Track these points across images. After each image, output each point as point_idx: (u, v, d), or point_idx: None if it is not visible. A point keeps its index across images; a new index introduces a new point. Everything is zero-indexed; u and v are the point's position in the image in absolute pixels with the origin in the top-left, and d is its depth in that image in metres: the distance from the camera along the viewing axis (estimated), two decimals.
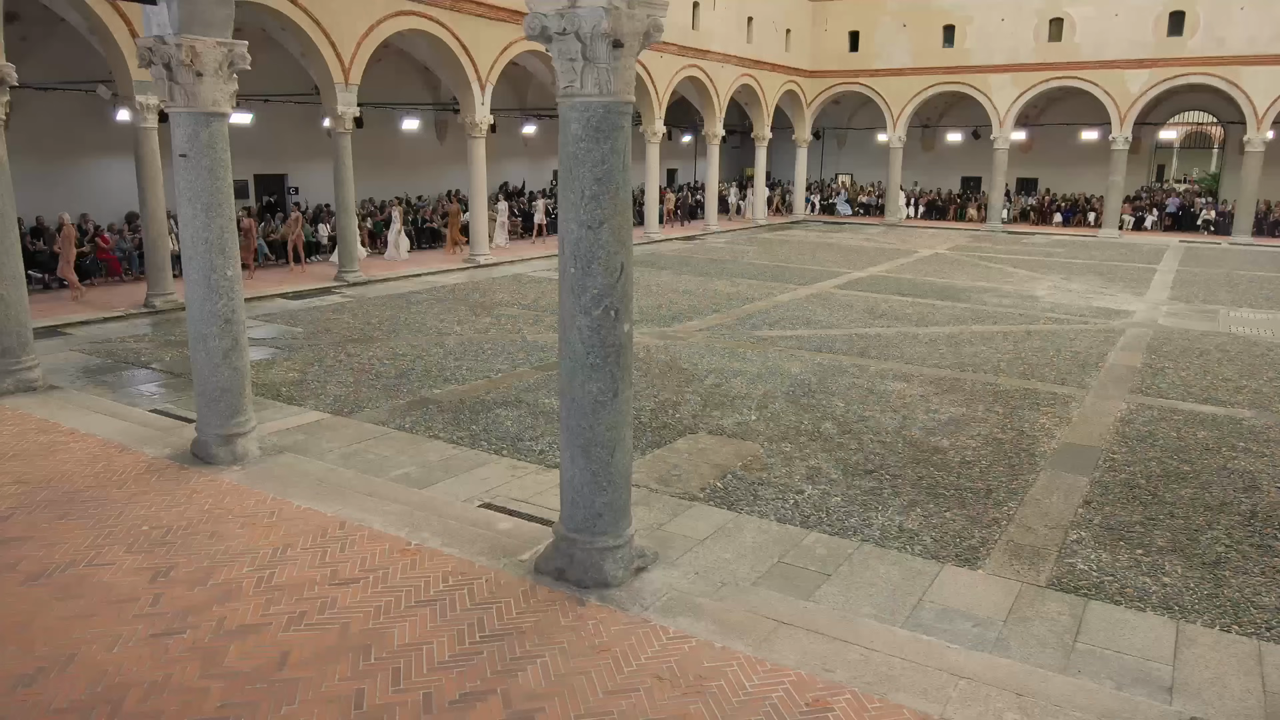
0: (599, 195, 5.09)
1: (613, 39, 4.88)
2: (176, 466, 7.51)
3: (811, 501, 7.30)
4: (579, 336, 5.26)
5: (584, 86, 4.96)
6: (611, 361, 5.30)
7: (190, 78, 6.97)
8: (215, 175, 7.23)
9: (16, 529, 6.22)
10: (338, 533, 6.25)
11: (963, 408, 10.16)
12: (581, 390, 5.32)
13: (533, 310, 15.94)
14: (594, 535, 5.49)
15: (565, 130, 5.11)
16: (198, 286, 7.33)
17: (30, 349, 9.85)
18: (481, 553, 5.96)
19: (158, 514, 6.51)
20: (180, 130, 7.10)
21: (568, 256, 5.21)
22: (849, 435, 9.07)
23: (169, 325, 14.24)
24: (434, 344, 13.07)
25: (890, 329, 14.87)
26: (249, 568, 5.70)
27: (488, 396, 10.28)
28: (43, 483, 7.09)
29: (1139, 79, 29.85)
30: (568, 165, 5.12)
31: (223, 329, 7.45)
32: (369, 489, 7.11)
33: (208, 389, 7.51)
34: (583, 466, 5.42)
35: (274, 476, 7.34)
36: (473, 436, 8.82)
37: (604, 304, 5.21)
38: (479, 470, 7.91)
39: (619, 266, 5.22)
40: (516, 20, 20.98)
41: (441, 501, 6.95)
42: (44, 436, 8.26)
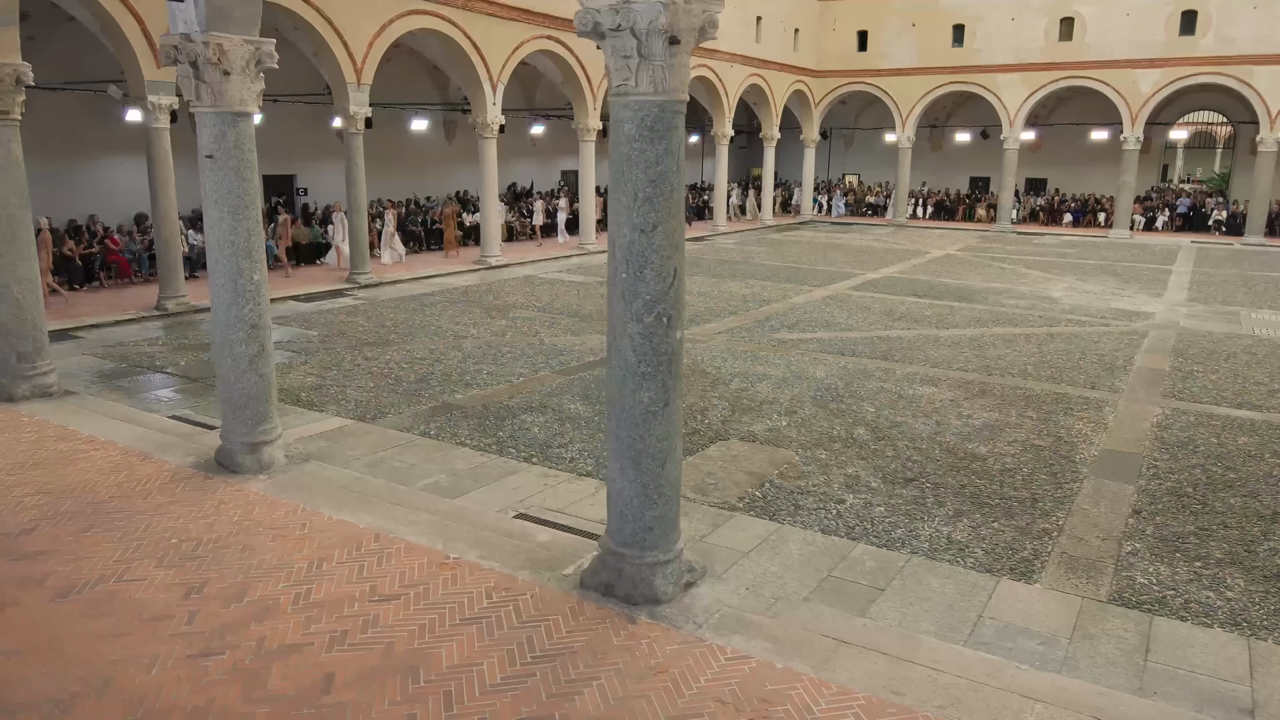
0: (653, 198, 4.90)
1: (669, 35, 4.69)
2: (201, 476, 7.31)
3: (854, 512, 7.10)
4: (630, 344, 5.07)
5: (638, 85, 4.77)
6: (663, 370, 5.11)
7: (217, 76, 6.77)
8: (242, 176, 7.03)
9: (41, 542, 6.03)
10: (373, 545, 6.06)
11: (995, 413, 9.97)
12: (632, 400, 5.13)
13: (548, 313, 15.74)
14: (644, 550, 5.30)
15: (617, 130, 4.92)
16: (224, 291, 7.13)
17: (45, 353, 9.65)
18: (522, 566, 5.76)
19: (186, 526, 6.32)
20: (206, 130, 6.91)
21: (619, 260, 5.02)
22: (884, 442, 8.88)
23: (182, 328, 14.04)
24: (451, 347, 12.88)
25: (911, 331, 14.68)
26: (285, 583, 5.51)
27: (511, 401, 10.08)
28: (65, 493, 6.90)
29: (1150, 78, 29.68)
30: (620, 166, 4.93)
31: (249, 334, 7.25)
32: (400, 499, 6.92)
33: (233, 396, 7.32)
34: (632, 479, 5.23)
35: (301, 486, 7.15)
36: (500, 443, 8.63)
37: (656, 310, 5.02)
38: (510, 479, 7.72)
39: (672, 272, 5.03)
40: (528, 19, 20.82)
41: (475, 512, 6.76)
42: (63, 444, 8.06)
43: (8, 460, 7.57)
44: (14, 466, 7.43)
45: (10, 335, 9.34)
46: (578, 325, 14.65)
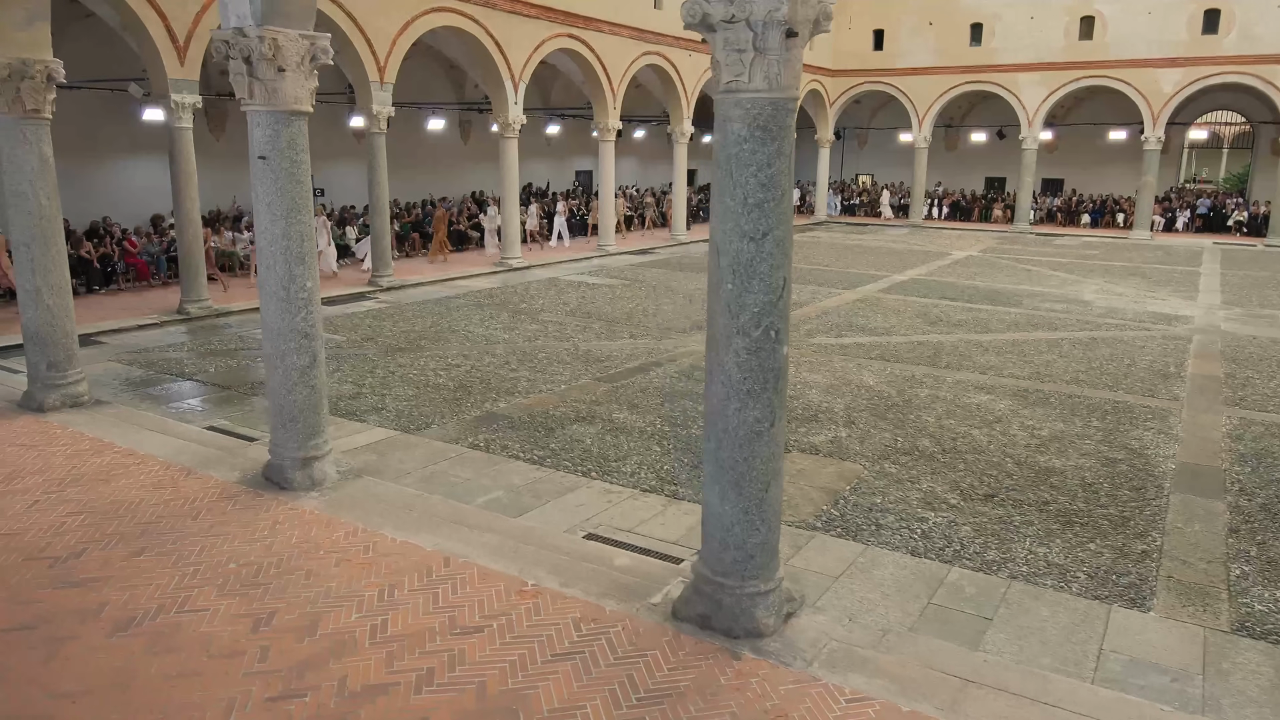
0: (764, 203, 4.55)
1: (788, 27, 4.34)
2: (250, 492, 6.96)
3: (940, 531, 6.76)
4: (735, 359, 4.71)
5: (751, 80, 4.42)
6: (770, 388, 4.76)
7: (271, 73, 6.42)
8: (295, 179, 6.68)
9: (92, 567, 5.67)
10: (444, 571, 5.71)
11: (1059, 423, 9.62)
12: (737, 419, 4.77)
13: (578, 317, 15.39)
14: (744, 579, 4.95)
15: (725, 130, 4.57)
16: (275, 299, 6.78)
17: (76, 361, 9.29)
18: (606, 594, 5.41)
19: (243, 549, 5.97)
20: (259, 130, 6.56)
21: (724, 270, 4.66)
22: (951, 454, 8.53)
23: (206, 333, 13.68)
24: (484, 352, 12.53)
25: (950, 336, 14.33)
26: (358, 614, 5.15)
27: (557, 411, 9.73)
28: (109, 512, 6.54)
29: (1172, 78, 29.34)
30: (727, 169, 4.58)
31: (301, 345, 6.90)
32: (463, 518, 6.57)
33: (284, 409, 6.96)
34: (734, 503, 4.88)
35: (357, 503, 6.79)
36: (553, 456, 8.28)
37: (764, 324, 4.67)
38: (571, 495, 7.37)
39: (781, 282, 4.68)
40: (550, 17, 20.48)
41: (546, 533, 6.41)
42: (100, 458, 7.71)
43: (45, 477, 7.21)
44: (53, 484, 7.08)
45: (42, 343, 8.98)
46: (610, 329, 14.30)
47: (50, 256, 8.93)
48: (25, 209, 8.73)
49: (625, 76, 23.42)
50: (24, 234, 8.76)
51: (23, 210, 8.73)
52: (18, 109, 8.53)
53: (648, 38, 23.90)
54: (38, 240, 8.81)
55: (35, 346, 9.02)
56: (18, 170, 8.64)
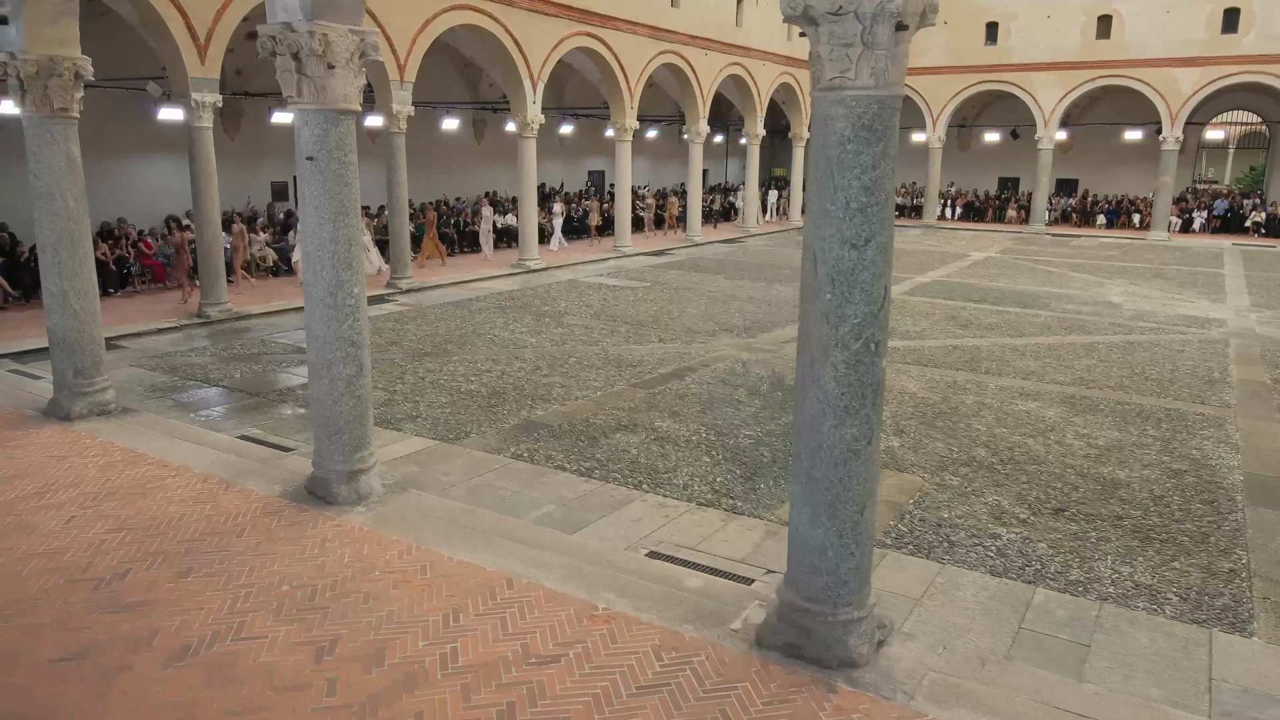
0: (866, 207, 4.27)
1: (898, 19, 4.06)
2: (295, 507, 6.67)
3: (1015, 549, 6.48)
4: (832, 374, 4.43)
5: (858, 77, 4.13)
6: (869, 404, 4.48)
7: (321, 70, 6.14)
8: (344, 180, 6.40)
9: (137, 590, 5.39)
10: (508, 593, 5.42)
11: (1114, 431, 9.34)
12: (833, 436, 4.49)
13: (603, 320, 15.10)
14: (837, 606, 4.66)
15: (825, 130, 4.29)
16: (322, 306, 6.50)
17: (103, 368, 9.01)
18: (683, 620, 5.13)
19: (294, 569, 5.68)
20: (307, 130, 6.27)
21: (822, 279, 4.38)
22: (1010, 465, 8.26)
23: (227, 337, 13.40)
24: (513, 357, 12.25)
25: (984, 340, 14.06)
26: (425, 641, 4.87)
27: (596, 419, 9.45)
28: (149, 529, 6.26)
29: (1190, 78, 29.07)
30: (827, 171, 4.30)
31: (348, 354, 6.62)
32: (518, 535, 6.28)
33: (330, 420, 6.68)
34: (828, 526, 4.60)
35: (406, 519, 6.51)
36: (601, 468, 8.00)
37: (864, 336, 4.39)
38: (625, 510, 7.09)
39: (883, 291, 4.40)
40: (568, 15, 20.20)
41: (608, 551, 6.13)
42: (133, 470, 7.42)
43: (79, 490, 6.93)
44: (87, 498, 6.79)
45: (68, 349, 8.70)
46: (638, 333, 14.02)
47: (77, 259, 8.64)
48: (53, 210, 8.44)
49: (643, 76, 23.14)
50: (51, 236, 8.47)
51: (50, 212, 8.45)
52: (45, 107, 8.25)
53: (665, 36, 23.63)
54: (65, 243, 8.53)
55: (61, 353, 8.74)
56: (45, 171, 8.36)
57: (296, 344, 12.97)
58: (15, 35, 8.10)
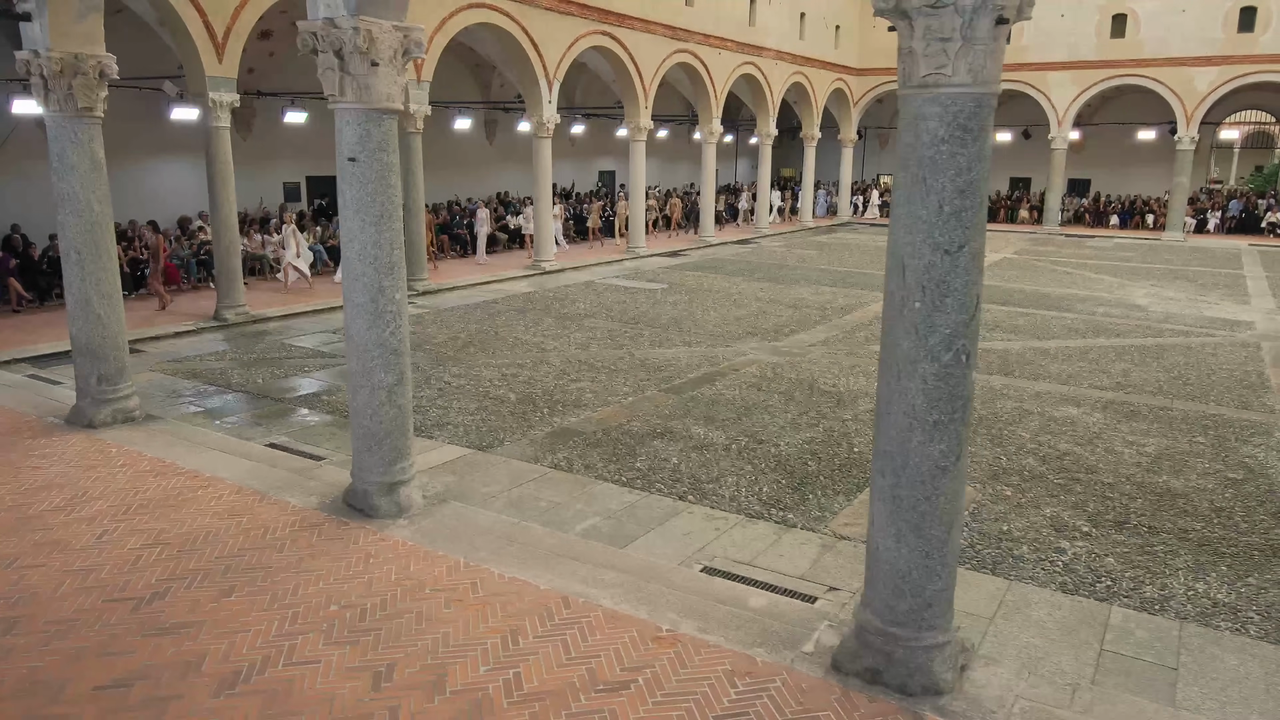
0: (961, 211, 4.04)
1: (999, 13, 3.83)
2: (334, 521, 6.44)
3: (1083, 564, 6.25)
4: (920, 386, 4.20)
5: (955, 73, 3.91)
6: (958, 418, 4.25)
7: (364, 67, 5.91)
8: (386, 182, 6.17)
9: (180, 610, 5.16)
10: (566, 613, 5.20)
11: (1162, 439, 9.11)
12: (920, 453, 4.26)
13: (624, 322, 14.87)
14: (920, 630, 4.44)
15: (917, 129, 4.06)
16: (363, 313, 6.27)
17: (127, 374, 8.79)
18: (753, 642, 4.90)
19: (340, 588, 5.46)
20: (349, 130, 6.04)
21: (910, 287, 4.15)
22: (1062, 474, 8.03)
23: (245, 340, 13.17)
24: (538, 361, 12.02)
25: (1014, 343, 13.83)
26: (485, 666, 4.64)
27: (631, 425, 9.22)
28: (186, 544, 6.03)
29: (1207, 77, 28.82)
30: (918, 173, 4.07)
31: (389, 362, 6.39)
32: (569, 550, 6.06)
33: (370, 431, 6.45)
34: (913, 546, 4.37)
35: (450, 533, 6.28)
36: (643, 478, 7.77)
37: (955, 347, 4.16)
38: (673, 522, 6.86)
39: (975, 299, 4.17)
40: (584, 13, 19.98)
41: (664, 568, 5.90)
42: (164, 480, 7.20)
43: (110, 503, 6.70)
44: (118, 510, 6.57)
45: (92, 355, 8.48)
46: (661, 336, 13.79)
47: (101, 263, 8.43)
48: (76, 213, 8.22)
49: (657, 75, 22.91)
50: (75, 239, 8.25)
51: (73, 214, 8.23)
52: (70, 107, 8.02)
53: (679, 35, 23.40)
54: (88, 246, 8.31)
55: (85, 359, 8.52)
56: (69, 172, 8.14)
57: (316, 347, 12.75)
58: (39, 32, 7.88)
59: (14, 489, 6.94)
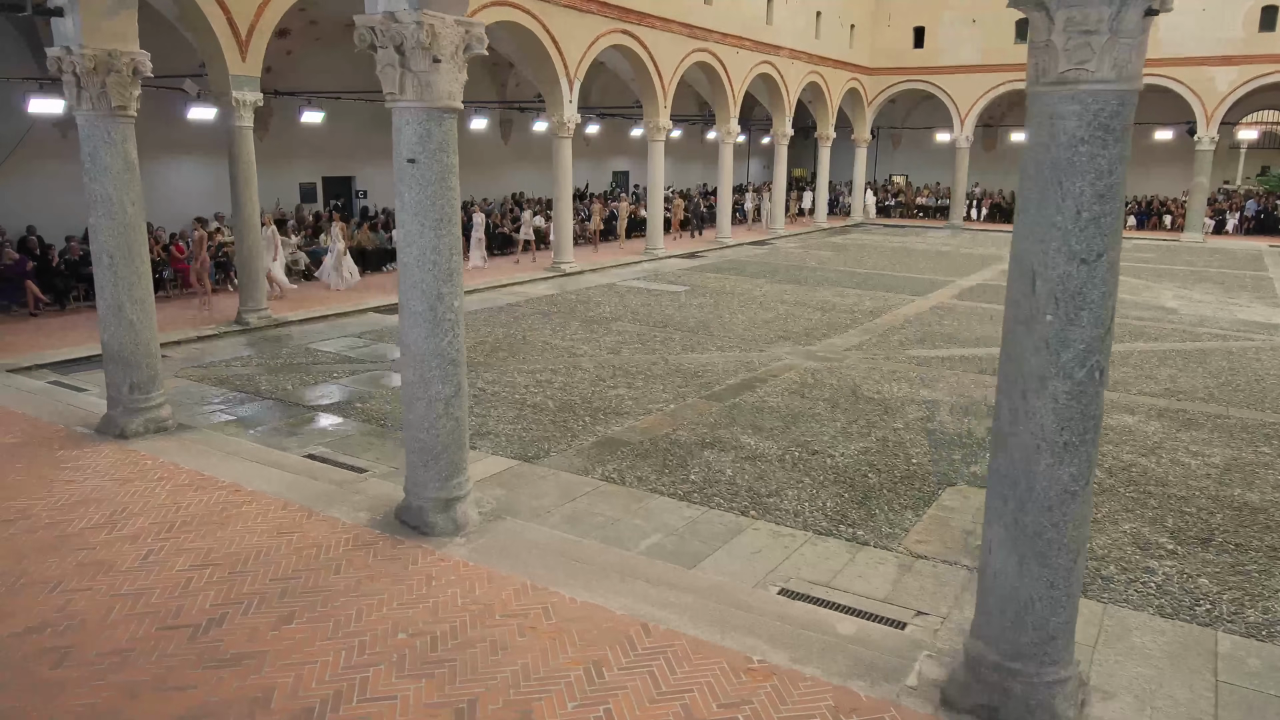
0: (1100, 218, 3.75)
1: (1149, 3, 3.54)
2: (388, 539, 6.15)
3: (1176, 585, 5.95)
4: (1051, 406, 3.91)
5: (1099, 69, 3.62)
6: (1089, 440, 3.96)
7: (426, 64, 5.62)
8: (446, 184, 5.88)
9: (239, 639, 4.86)
10: (647, 642, 4.90)
11: (1226, 449, 8.82)
12: (1048, 477, 3.97)
13: (652, 326, 14.58)
14: (1042, 665, 4.15)
15: (1052, 129, 3.77)
16: (421, 321, 5.98)
17: (159, 382, 8.49)
18: (851, 674, 4.61)
19: (405, 613, 5.16)
20: (409, 129, 5.75)
21: (1041, 298, 3.86)
22: (1131, 486, 7.74)
23: (270, 345, 12.88)
24: (571, 366, 11.73)
25: None
26: (573, 701, 4.35)
27: (677, 435, 8.93)
28: (236, 565, 5.74)
29: (1227, 76, 28.53)
30: (1052, 176, 3.78)
31: (446, 372, 6.10)
32: (636, 570, 5.76)
33: (426, 445, 6.16)
34: (1036, 575, 4.08)
35: (510, 552, 5.99)
36: (699, 491, 7.48)
37: (1089, 363, 3.88)
38: (739, 539, 6.56)
39: (1110, 312, 3.88)
40: (604, 11, 19.70)
41: (740, 591, 5.60)
42: (204, 495, 6.90)
43: (152, 520, 6.41)
44: (161, 528, 6.27)
45: (124, 363, 8.18)
46: (692, 340, 13.50)
47: (133, 267, 8.13)
48: (109, 215, 7.93)
49: (676, 74, 22.62)
50: (107, 243, 7.96)
51: (106, 216, 7.93)
52: (103, 105, 7.73)
53: (698, 34, 23.10)
54: (121, 250, 8.01)
55: (117, 366, 8.22)
56: (102, 173, 7.84)
57: (342, 352, 12.46)
58: (72, 28, 7.59)
59: (50, 505, 6.65)
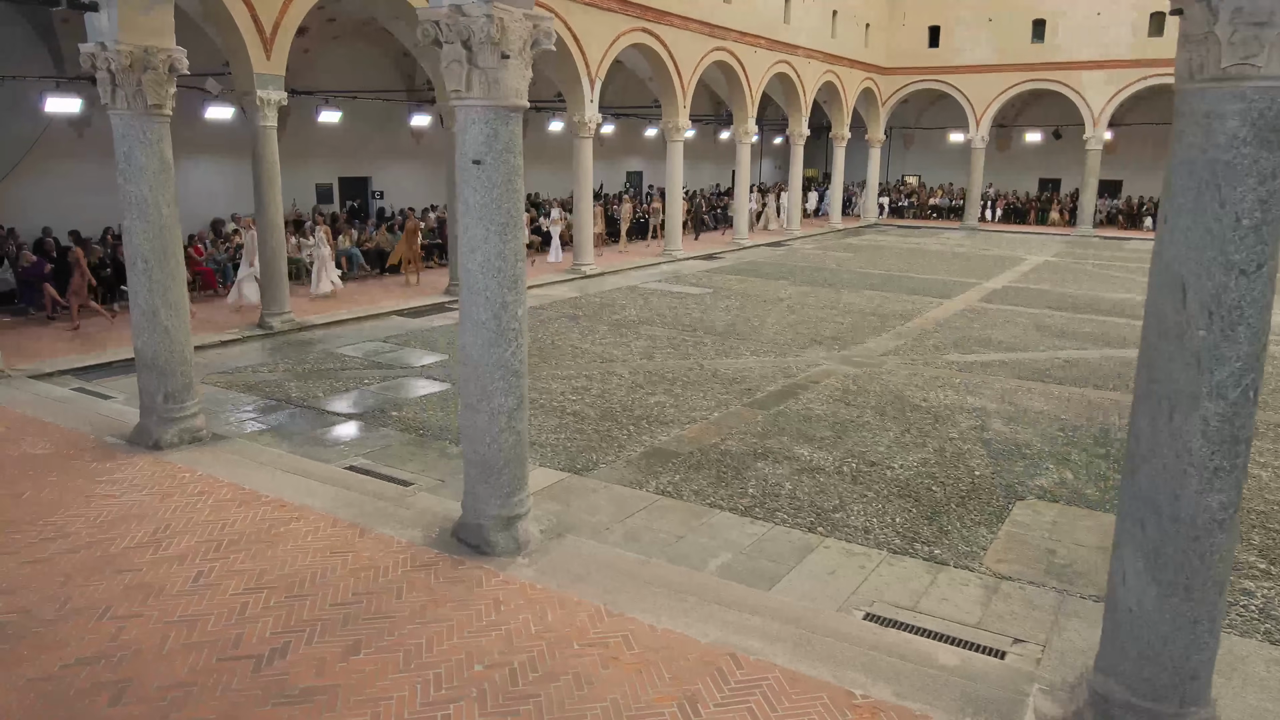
0: (1260, 225, 3.46)
1: None
2: (447, 559, 5.86)
3: (1277, 607, 5.67)
4: (1201, 428, 3.63)
5: (1267, 64, 3.33)
6: (1240, 465, 3.67)
7: (494, 60, 5.33)
8: (512, 187, 5.60)
9: (306, 671, 4.57)
10: (739, 674, 4.61)
11: None
12: (1194, 504, 3.69)
13: (681, 329, 14.29)
14: (1183, 705, 3.86)
15: (1209, 129, 3.48)
16: (484, 331, 5.69)
17: (194, 391, 8.20)
18: (962, 710, 4.32)
19: (477, 642, 4.87)
20: (475, 129, 5.46)
21: (1194, 312, 3.57)
22: None
23: (294, 350, 12.58)
24: (606, 373, 11.44)
25: (1089, 352, 13.26)
26: None
27: (726, 445, 8.64)
28: (291, 588, 5.45)
29: None
30: (1208, 180, 3.49)
31: (509, 384, 5.81)
32: (710, 593, 5.47)
33: (486, 460, 5.87)
34: (1178, 610, 3.79)
35: (577, 573, 5.70)
36: (760, 505, 7.19)
37: (1244, 383, 3.59)
38: (812, 559, 6.28)
39: (1267, 327, 3.59)
40: (625, 10, 19.42)
41: (825, 616, 5.31)
42: (249, 511, 6.61)
43: (198, 538, 6.11)
44: (209, 547, 5.98)
45: (158, 371, 7.89)
46: (724, 345, 13.21)
47: (169, 272, 7.84)
48: (144, 218, 7.64)
49: (696, 73, 22.33)
50: (142, 246, 7.67)
51: (141, 219, 7.65)
52: (139, 104, 7.44)
53: (717, 33, 22.82)
54: (156, 254, 7.72)
55: (150, 374, 7.93)
56: (137, 174, 7.56)
57: (369, 358, 12.17)
58: (107, 23, 7.30)
59: (89, 521, 6.35)
